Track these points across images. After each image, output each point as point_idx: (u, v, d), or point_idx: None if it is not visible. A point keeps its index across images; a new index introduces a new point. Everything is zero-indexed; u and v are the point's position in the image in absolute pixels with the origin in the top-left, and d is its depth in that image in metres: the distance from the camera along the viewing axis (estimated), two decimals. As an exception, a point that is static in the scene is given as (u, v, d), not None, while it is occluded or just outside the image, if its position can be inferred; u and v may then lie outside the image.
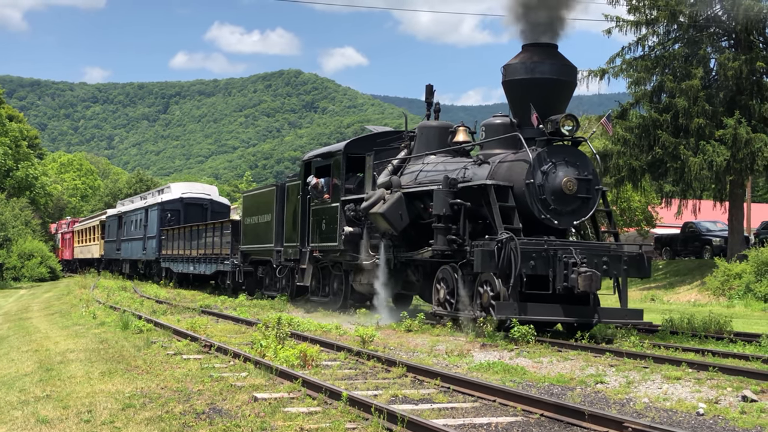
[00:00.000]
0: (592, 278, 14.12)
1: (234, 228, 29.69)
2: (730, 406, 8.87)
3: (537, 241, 14.74)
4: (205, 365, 11.61)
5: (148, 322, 17.36)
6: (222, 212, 40.24)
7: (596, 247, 15.51)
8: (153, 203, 41.82)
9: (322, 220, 21.13)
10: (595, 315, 15.02)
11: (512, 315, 14.15)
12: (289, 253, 23.49)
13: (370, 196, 18.62)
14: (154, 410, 8.64)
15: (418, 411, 8.32)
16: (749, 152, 28.83)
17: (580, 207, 15.66)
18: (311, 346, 12.46)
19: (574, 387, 10.17)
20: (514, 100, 16.51)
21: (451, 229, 16.02)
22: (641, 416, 8.23)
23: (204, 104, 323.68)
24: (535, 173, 15.25)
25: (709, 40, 31.63)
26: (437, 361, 12.31)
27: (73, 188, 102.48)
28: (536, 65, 15.81)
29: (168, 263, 38.54)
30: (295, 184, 23.57)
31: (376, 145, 20.56)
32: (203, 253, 32.92)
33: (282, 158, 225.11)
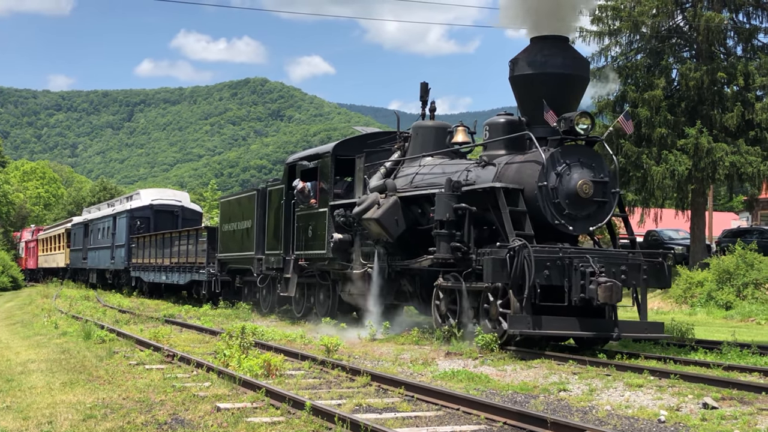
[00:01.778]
0: (613, 289, 12.96)
1: (210, 235, 28.20)
2: (691, 414, 8.92)
3: (551, 249, 13.54)
4: (168, 375, 11.52)
5: (110, 331, 17.20)
6: (194, 219, 39.19)
7: (614, 254, 14.33)
8: (121, 210, 40.56)
9: (309, 227, 19.87)
10: (615, 329, 13.78)
11: (526, 329, 13.13)
12: (272, 262, 22.09)
13: (363, 200, 17.31)
14: (116, 421, 8.56)
15: (382, 420, 8.30)
16: (710, 161, 29.14)
17: (596, 211, 14.54)
18: (275, 355, 12.40)
19: (537, 395, 10.18)
20: (522, 97, 15.35)
21: (454, 235, 14.80)
22: (603, 424, 8.26)
23: (169, 112, 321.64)
24: (548, 175, 14.10)
25: (671, 51, 31.99)
26: (402, 370, 12.29)
27: (36, 197, 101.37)
28: (547, 59, 14.59)
29: (138, 272, 37.03)
30: (278, 189, 22.22)
31: (367, 147, 19.21)
32: (176, 262, 31.44)
33: (248, 166, 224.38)
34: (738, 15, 31.07)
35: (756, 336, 17.95)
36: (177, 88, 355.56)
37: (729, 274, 27.36)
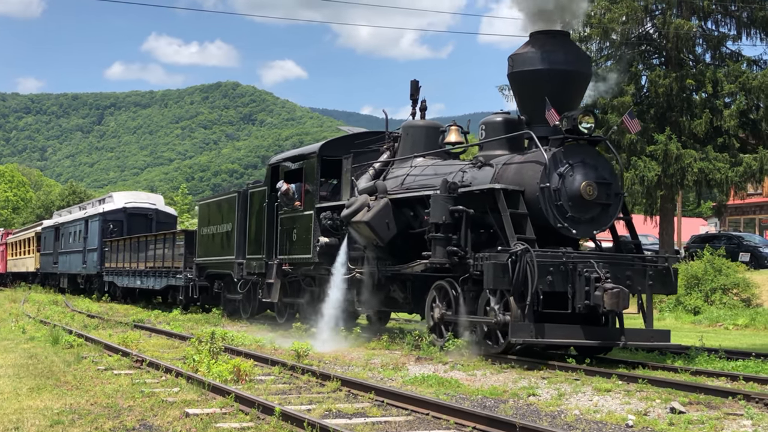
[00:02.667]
0: (620, 296, 12.31)
1: (188, 239, 27.35)
2: (659, 418, 8.97)
3: (554, 253, 12.94)
4: (137, 380, 11.46)
5: (78, 336, 17.06)
6: (168, 222, 38.36)
7: (619, 259, 13.68)
8: (93, 214, 39.52)
9: (293, 230, 18.97)
10: (622, 337, 13.21)
11: (528, 338, 12.47)
12: (253, 267, 21.17)
13: (352, 202, 16.42)
14: (84, 427, 8.50)
15: (352, 425, 8.30)
16: (679, 168, 29.36)
17: (600, 214, 13.86)
18: (245, 360, 12.39)
19: (506, 399, 10.20)
20: (522, 94, 14.65)
21: (451, 239, 13.99)
22: (572, 428, 8.30)
23: (140, 116, 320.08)
24: (550, 176, 13.37)
25: (640, 58, 32.21)
26: (372, 375, 12.30)
27: (4, 200, 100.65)
28: (549, 54, 13.81)
29: (111, 277, 36.11)
30: (260, 191, 21.27)
31: (354, 147, 18.34)
32: (152, 266, 30.49)
33: (219, 170, 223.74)
34: (707, 23, 31.38)
35: (723, 341, 18.09)
36: (148, 92, 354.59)
37: (697, 279, 27.58)
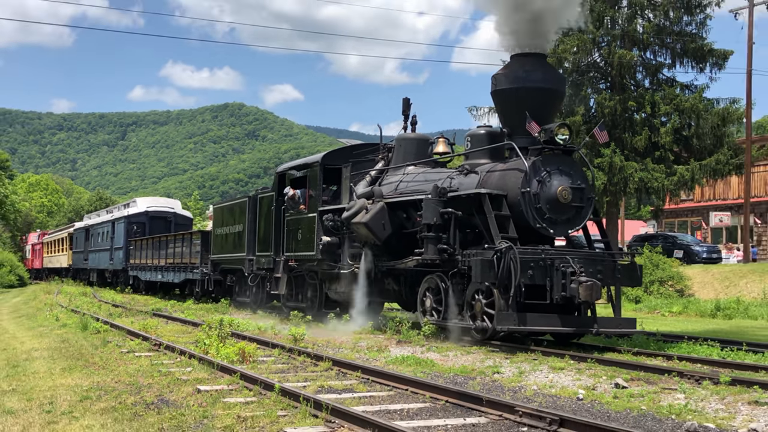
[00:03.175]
0: (593, 288, 12.11)
1: (204, 238, 26.95)
2: (605, 392, 9.00)
3: (534, 250, 12.65)
4: (155, 362, 11.43)
5: (104, 323, 16.99)
6: (185, 224, 37.74)
7: (591, 255, 13.40)
8: (119, 216, 39.31)
9: (298, 230, 18.58)
10: (594, 325, 12.95)
11: (512, 326, 12.23)
12: (262, 263, 20.77)
13: (352, 206, 16.11)
14: (109, 401, 8.48)
15: (341, 399, 8.29)
16: (622, 177, 29.31)
17: (574, 216, 13.58)
18: (249, 344, 12.35)
19: (474, 377, 10.22)
20: (504, 110, 14.29)
21: (441, 238, 13.78)
22: (530, 401, 8.31)
23: (158, 132, 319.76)
24: (530, 182, 13.11)
25: (589, 83, 32.20)
26: (359, 356, 12.28)
27: (40, 205, 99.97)
28: (528, 74, 13.57)
29: (135, 272, 35.73)
30: (269, 196, 20.85)
31: (353, 157, 18.12)
32: (171, 263, 30.06)
33: (227, 180, 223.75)
34: (646, 53, 31.40)
35: (660, 326, 18.16)
36: (165, 111, 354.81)
37: (638, 273, 27.67)
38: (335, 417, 7.17)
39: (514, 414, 7.42)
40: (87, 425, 7.39)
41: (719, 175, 29.39)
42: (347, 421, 7.01)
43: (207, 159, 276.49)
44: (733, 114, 29.38)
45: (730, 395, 8.58)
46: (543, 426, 7.04)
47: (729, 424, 7.36)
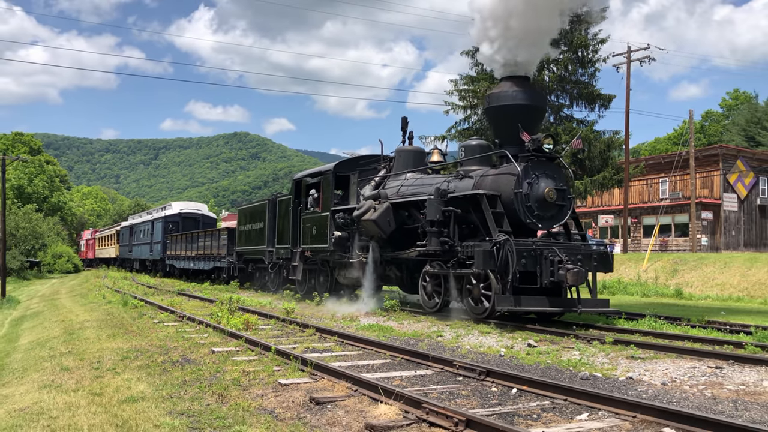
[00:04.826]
0: (579, 274, 11.28)
1: (230, 234, 25.57)
2: (521, 350, 9.04)
3: (525, 242, 11.72)
4: (179, 330, 11.29)
5: (141, 300, 16.77)
6: (210, 223, 36.03)
7: (572, 246, 12.38)
8: (158, 217, 37.89)
9: (313, 227, 17.47)
10: (579, 305, 11.88)
11: (510, 306, 11.21)
12: (281, 253, 19.60)
13: (361, 206, 15.10)
14: (143, 360, 8.36)
15: (322, 357, 8.26)
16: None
17: (558, 213, 12.62)
18: (252, 315, 12.25)
19: (423, 339, 10.22)
20: (497, 123, 13.21)
21: (443, 232, 12.85)
22: (464, 357, 8.34)
23: (183, 154, 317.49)
24: (521, 184, 12.20)
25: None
26: (336, 324, 12.23)
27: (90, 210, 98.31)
28: (517, 93, 12.67)
29: (171, 261, 33.92)
30: (287, 199, 19.63)
31: (359, 166, 17.10)
32: (203, 254, 28.52)
33: (236, 190, 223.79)
34: (551, 96, 31.83)
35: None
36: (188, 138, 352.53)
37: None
38: (317, 371, 7.13)
39: (453, 367, 7.43)
40: (126, 378, 7.28)
41: (605, 188, 29.92)
42: (327, 374, 6.97)
43: (220, 174, 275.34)
44: (616, 142, 29.84)
45: (613, 352, 8.66)
46: (474, 376, 7.06)
47: (612, 373, 7.43)
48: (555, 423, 5.27)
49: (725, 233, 38.50)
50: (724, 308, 17.35)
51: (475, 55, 31.93)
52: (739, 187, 39.28)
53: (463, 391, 6.47)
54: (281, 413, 5.68)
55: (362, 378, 6.45)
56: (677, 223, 38.50)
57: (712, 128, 68.41)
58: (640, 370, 7.53)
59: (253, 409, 5.81)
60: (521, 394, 6.31)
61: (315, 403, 5.89)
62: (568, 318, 12.62)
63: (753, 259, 24.97)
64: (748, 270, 23.52)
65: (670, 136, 71.33)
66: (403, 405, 5.57)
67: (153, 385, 6.90)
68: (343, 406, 5.81)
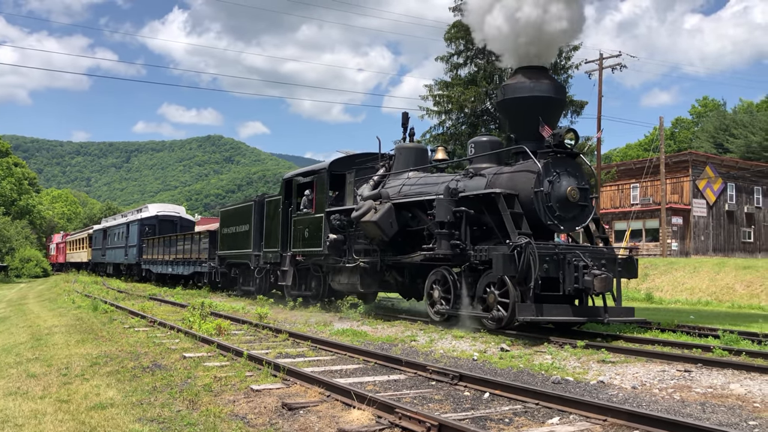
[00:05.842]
0: (607, 280, 10.28)
1: (212, 237, 24.18)
2: (494, 354, 9.07)
3: (547, 245, 10.66)
4: (150, 335, 11.13)
5: (111, 305, 16.52)
6: (189, 227, 34.31)
7: (596, 250, 11.32)
8: (133, 219, 36.31)
9: (306, 229, 16.30)
10: (605, 314, 10.79)
11: (531, 316, 10.14)
12: (269, 257, 18.24)
13: (360, 206, 13.98)
14: (113, 366, 8.23)
15: (295, 363, 8.20)
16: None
17: (580, 214, 11.58)
18: (224, 320, 12.15)
19: (397, 344, 10.19)
20: (513, 117, 12.12)
21: (454, 234, 11.80)
22: (438, 361, 8.35)
23: (155, 157, 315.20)
24: (542, 182, 11.15)
25: (483, 124, 32.75)
26: (309, 329, 12.15)
27: (60, 213, 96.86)
28: (535, 84, 11.58)
29: (148, 265, 32.43)
30: (276, 199, 18.34)
31: (355, 165, 15.89)
32: (182, 258, 27.11)
33: (209, 194, 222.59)
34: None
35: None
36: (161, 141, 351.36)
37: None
38: (290, 376, 7.08)
39: (426, 371, 7.43)
40: (95, 384, 7.16)
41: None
42: (299, 379, 6.93)
43: (193, 178, 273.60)
44: (588, 148, 30.19)
45: (584, 356, 8.74)
46: (447, 380, 7.06)
47: (583, 377, 7.50)
48: (527, 427, 5.30)
49: (695, 238, 39.15)
50: (694, 312, 17.63)
51: (450, 60, 32.16)
52: (708, 193, 39.99)
53: (436, 395, 6.48)
54: (253, 419, 5.64)
55: (335, 383, 6.42)
56: (648, 228, 39.05)
57: (682, 135, 69.65)
58: (611, 373, 7.60)
59: (225, 415, 5.76)
60: (494, 399, 6.33)
61: (287, 409, 5.86)
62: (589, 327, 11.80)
63: (721, 263, 25.43)
64: (717, 274, 23.94)
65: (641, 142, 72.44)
66: (375, 410, 5.56)
67: (123, 391, 6.80)
68: (316, 411, 5.78)
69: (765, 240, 42.44)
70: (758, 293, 22.55)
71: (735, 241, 41.37)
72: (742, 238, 41.59)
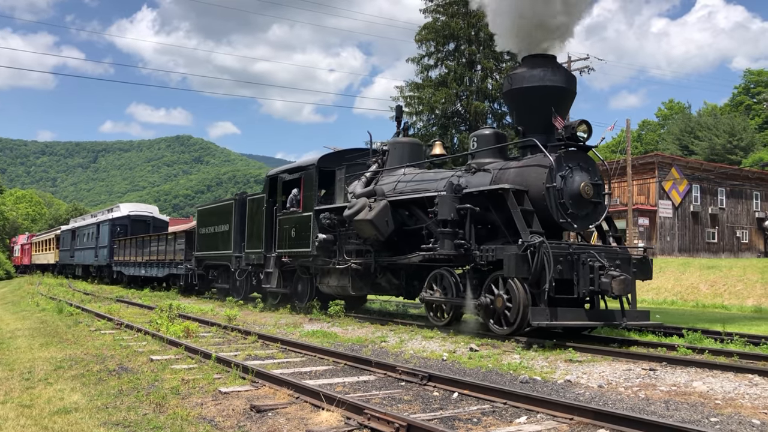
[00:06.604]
0: (626, 282, 9.58)
1: (188, 237, 23.14)
2: (463, 354, 9.12)
3: (560, 245, 9.96)
4: (117, 337, 10.98)
5: (77, 308, 16.26)
6: (162, 227, 33.08)
7: (610, 250, 10.64)
8: (104, 219, 34.58)
9: (292, 229, 15.44)
10: (623, 319, 10.13)
11: (545, 321, 9.42)
12: (252, 258, 17.24)
13: (353, 204, 13.12)
14: (78, 369, 8.10)
15: (264, 365, 8.15)
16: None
17: (593, 211, 10.87)
18: (193, 323, 12.03)
19: (367, 345, 10.20)
20: (520, 109, 11.25)
21: (457, 233, 11.03)
22: (408, 362, 8.37)
23: (123, 157, 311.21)
24: (555, 177, 10.45)
25: (453, 125, 32.95)
26: (279, 331, 12.10)
27: (25, 214, 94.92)
28: (545, 74, 10.79)
29: (120, 267, 31.32)
30: (259, 198, 17.37)
31: (345, 161, 15.07)
32: (156, 259, 26.14)
33: (178, 195, 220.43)
34: (494, 104, 32.39)
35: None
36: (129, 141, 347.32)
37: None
38: (259, 378, 7.04)
39: (396, 372, 7.43)
40: (59, 389, 7.04)
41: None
42: (268, 381, 6.89)
43: (162, 178, 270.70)
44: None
45: (552, 356, 8.84)
46: (416, 381, 7.08)
47: (551, 376, 7.57)
48: (494, 426, 5.35)
49: (661, 239, 39.85)
50: (660, 311, 17.94)
51: (420, 62, 32.26)
52: (674, 194, 40.73)
53: (405, 396, 6.50)
54: (221, 422, 5.59)
55: (304, 385, 6.40)
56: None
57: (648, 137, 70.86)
58: (578, 372, 7.70)
59: (192, 418, 5.70)
60: (462, 399, 6.37)
61: (256, 411, 5.82)
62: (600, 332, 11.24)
63: (686, 264, 25.90)
64: (682, 274, 24.38)
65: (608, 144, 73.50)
66: (344, 411, 5.55)
67: (87, 395, 6.69)
68: (285, 413, 5.75)
69: (728, 240, 43.37)
70: (721, 293, 23.04)
71: (700, 241, 42.19)
72: (707, 238, 42.44)
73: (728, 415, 5.74)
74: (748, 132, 60.35)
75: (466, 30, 31.07)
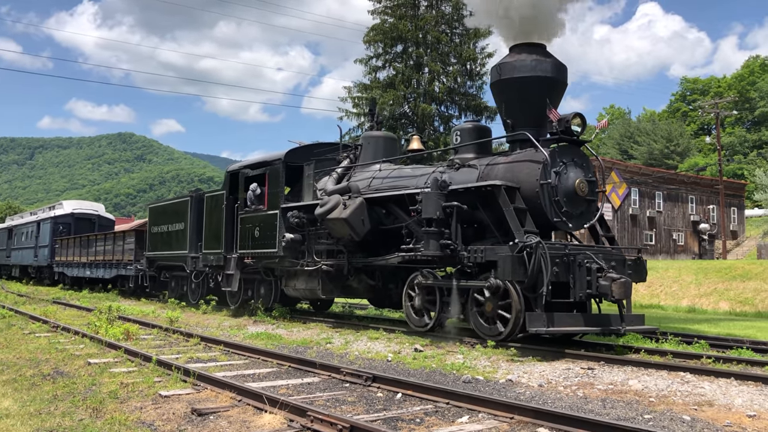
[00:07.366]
0: (626, 285, 8.98)
1: (138, 237, 21.90)
2: (408, 355, 9.17)
3: (556, 246, 9.43)
4: (53, 341, 10.64)
5: (9, 310, 15.66)
6: (108, 226, 31.67)
7: (605, 251, 10.05)
8: (45, 217, 32.83)
9: (256, 228, 14.50)
10: (622, 324, 9.50)
11: (543, 327, 8.81)
12: (210, 260, 16.12)
13: (326, 202, 12.26)
14: (10, 374, 7.81)
15: (206, 367, 8.04)
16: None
17: (587, 210, 10.30)
18: (133, 325, 11.75)
19: (312, 346, 10.18)
20: (509, 100, 10.47)
21: (443, 233, 10.27)
22: (352, 363, 8.38)
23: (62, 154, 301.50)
24: (549, 173, 9.84)
25: (401, 127, 33.13)
26: (222, 333, 11.95)
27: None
28: (537, 63, 10.11)
29: (61, 268, 29.52)
30: (218, 195, 16.31)
31: (314, 156, 14.19)
32: (102, 260, 24.68)
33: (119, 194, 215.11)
34: (441, 107, 32.70)
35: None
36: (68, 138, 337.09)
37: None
38: (201, 381, 6.94)
39: (340, 374, 7.44)
40: (-10, 395, 6.78)
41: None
42: (210, 384, 6.80)
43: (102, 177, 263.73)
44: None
45: (495, 356, 8.96)
46: (360, 382, 7.10)
47: (493, 376, 7.70)
48: (437, 426, 5.40)
49: (601, 241, 40.92)
50: (599, 312, 18.38)
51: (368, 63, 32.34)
52: (614, 198, 41.91)
53: (349, 397, 6.50)
54: (161, 426, 5.49)
55: (246, 387, 6.34)
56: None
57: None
58: (519, 372, 7.84)
59: (131, 422, 5.58)
60: (406, 399, 6.41)
61: (197, 415, 5.74)
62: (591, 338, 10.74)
63: (625, 265, 26.63)
64: (620, 275, 25.05)
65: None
66: (288, 413, 5.53)
67: (20, 400, 6.46)
68: (227, 416, 5.69)
69: (665, 243, 44.89)
70: (658, 293, 23.81)
71: (638, 243, 43.51)
72: (645, 240, 43.81)
73: (661, 412, 5.94)
74: (684, 138, 62.61)
75: (414, 32, 31.31)
